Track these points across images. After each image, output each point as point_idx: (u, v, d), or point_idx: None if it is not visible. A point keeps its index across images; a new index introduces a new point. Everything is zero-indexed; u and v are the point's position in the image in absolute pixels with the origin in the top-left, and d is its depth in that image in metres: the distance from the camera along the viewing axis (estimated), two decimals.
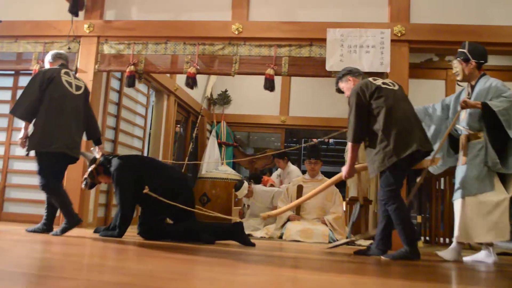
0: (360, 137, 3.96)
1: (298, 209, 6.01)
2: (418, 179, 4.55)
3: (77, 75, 5.77)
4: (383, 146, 3.80)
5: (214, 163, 9.01)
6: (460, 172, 4.09)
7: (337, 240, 5.52)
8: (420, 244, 5.59)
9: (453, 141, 4.31)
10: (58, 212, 4.53)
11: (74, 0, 5.79)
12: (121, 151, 6.60)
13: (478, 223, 3.87)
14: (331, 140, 14.40)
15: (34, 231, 4.38)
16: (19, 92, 5.96)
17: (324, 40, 5.38)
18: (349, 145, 4.03)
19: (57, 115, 4.39)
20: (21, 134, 4.39)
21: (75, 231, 4.62)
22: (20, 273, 2.20)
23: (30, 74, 5.84)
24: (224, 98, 9.92)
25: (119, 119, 6.56)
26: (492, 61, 8.00)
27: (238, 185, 6.80)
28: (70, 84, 4.56)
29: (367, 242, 4.83)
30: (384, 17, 5.45)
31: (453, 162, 4.32)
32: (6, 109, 6.08)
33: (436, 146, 4.27)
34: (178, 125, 8.69)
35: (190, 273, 2.52)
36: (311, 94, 9.35)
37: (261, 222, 6.47)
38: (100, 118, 5.99)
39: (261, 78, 5.49)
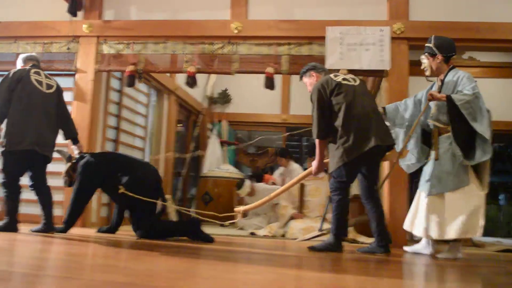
0: (324, 133, 4.01)
1: (301, 207, 6.02)
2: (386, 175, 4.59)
3: (77, 75, 5.80)
4: (342, 142, 3.87)
5: (215, 162, 9.02)
6: (432, 166, 4.05)
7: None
8: None
9: (425, 137, 4.27)
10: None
11: (73, 0, 5.79)
12: (123, 150, 6.60)
13: (451, 219, 3.85)
14: None
15: (38, 231, 4.40)
16: None
17: (323, 38, 5.37)
18: (316, 141, 4.09)
19: (25, 113, 4.40)
20: None
21: (78, 231, 4.64)
22: (24, 273, 2.21)
23: None
24: (224, 97, 9.92)
25: (120, 119, 6.57)
26: (492, 57, 8.06)
27: (240, 184, 6.81)
28: (40, 83, 4.56)
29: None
30: (383, 15, 5.45)
31: (427, 158, 4.24)
32: None
33: (401, 136, 4.34)
34: (179, 125, 8.70)
35: (193, 272, 2.53)
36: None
37: (264, 221, 6.48)
38: (101, 118, 6.00)
39: (261, 77, 5.49)
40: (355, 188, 7.20)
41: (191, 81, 5.61)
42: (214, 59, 5.63)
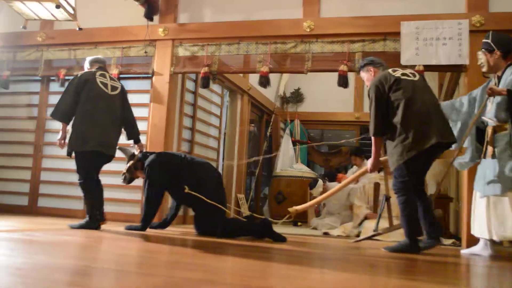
0: (381, 130, 3.96)
1: (375, 207, 5.91)
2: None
3: (154, 78, 5.98)
4: (401, 139, 3.80)
5: (288, 161, 9.02)
6: (487, 166, 3.88)
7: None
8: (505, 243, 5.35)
9: (479, 135, 4.09)
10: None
11: (149, 5, 5.97)
12: (198, 150, 6.75)
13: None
14: None
15: (80, 227, 4.53)
16: None
17: (398, 34, 5.23)
18: (372, 139, 4.03)
19: (91, 115, 4.56)
20: (59, 136, 4.60)
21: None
22: (104, 268, 2.29)
23: None
24: (297, 96, 9.91)
25: (195, 120, 6.71)
26: None
27: (312, 183, 6.78)
28: (105, 85, 4.71)
29: (448, 241, 4.67)
30: (461, 7, 5.22)
31: (480, 157, 4.07)
32: None
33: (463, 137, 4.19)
34: (252, 124, 8.77)
35: (268, 271, 2.54)
36: None
37: (338, 221, 6.41)
38: (176, 119, 6.15)
39: (334, 75, 5.42)
40: (432, 186, 7.01)
41: (264, 81, 5.63)
42: (286, 58, 5.64)
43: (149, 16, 5.98)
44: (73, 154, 4.57)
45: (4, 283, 1.69)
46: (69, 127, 4.62)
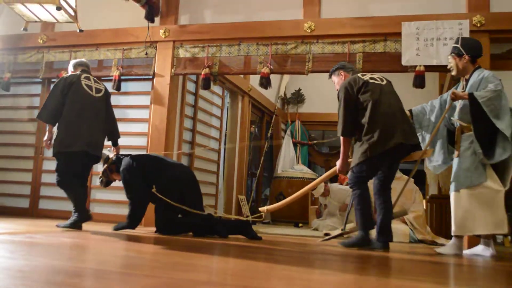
0: (349, 130, 4.12)
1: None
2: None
3: (155, 79, 5.99)
4: (367, 138, 3.96)
5: (289, 162, 9.01)
6: (454, 165, 4.11)
7: (418, 240, 5.38)
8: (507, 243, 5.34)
9: (451, 138, 4.26)
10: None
11: (150, 7, 5.98)
12: (199, 152, 6.75)
13: (475, 215, 3.89)
14: None
15: (66, 226, 4.63)
16: None
17: (399, 34, 5.23)
18: (341, 139, 4.18)
19: (78, 117, 4.66)
20: (45, 137, 4.72)
21: (148, 230, 4.78)
22: (104, 270, 2.29)
23: (110, 80, 6.12)
24: (297, 97, 9.91)
25: (196, 121, 6.71)
26: None
27: None
28: (90, 87, 4.82)
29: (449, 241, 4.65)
30: (462, 7, 5.22)
31: (452, 159, 4.24)
32: None
33: (428, 138, 4.39)
34: (253, 125, 8.77)
35: (269, 272, 2.53)
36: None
37: (339, 221, 6.40)
38: (177, 121, 6.16)
39: None
40: (434, 187, 6.99)
41: (265, 82, 5.63)
42: (287, 59, 5.64)
43: (150, 17, 5.99)
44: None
45: (5, 285, 1.69)
46: (55, 129, 4.71)
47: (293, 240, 4.57)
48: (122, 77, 6.11)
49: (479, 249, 4.01)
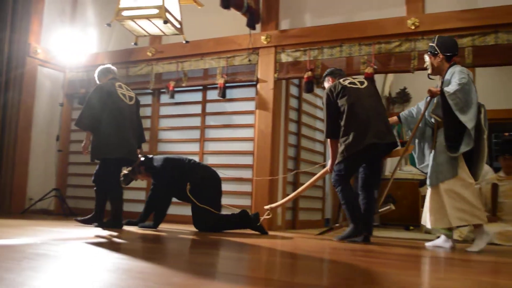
0: (333, 132, 4.46)
1: (494, 210, 5.57)
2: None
3: (258, 85, 6.09)
4: (343, 140, 4.32)
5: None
6: (430, 160, 4.25)
7: None
8: None
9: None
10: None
11: (251, 14, 6.09)
12: (304, 155, 6.77)
13: (451, 208, 4.01)
14: None
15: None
16: (208, 106, 6.55)
17: (511, 24, 4.92)
18: (328, 141, 4.61)
19: (117, 125, 4.90)
20: (83, 143, 4.99)
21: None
22: (214, 272, 2.36)
23: (215, 88, 6.31)
24: (403, 96, 9.62)
25: (300, 124, 6.74)
26: None
27: (422, 182, 6.57)
28: (124, 96, 5.07)
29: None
30: None
31: None
32: (197, 121, 6.66)
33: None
34: None
35: (380, 277, 2.48)
36: (499, 84, 8.58)
37: None
38: (282, 125, 6.22)
39: None
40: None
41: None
42: (391, 58, 5.50)
43: (251, 24, 6.10)
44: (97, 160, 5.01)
45: (128, 285, 1.80)
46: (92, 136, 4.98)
47: (404, 243, 4.45)
48: (227, 84, 6.28)
49: (440, 241, 4.26)
